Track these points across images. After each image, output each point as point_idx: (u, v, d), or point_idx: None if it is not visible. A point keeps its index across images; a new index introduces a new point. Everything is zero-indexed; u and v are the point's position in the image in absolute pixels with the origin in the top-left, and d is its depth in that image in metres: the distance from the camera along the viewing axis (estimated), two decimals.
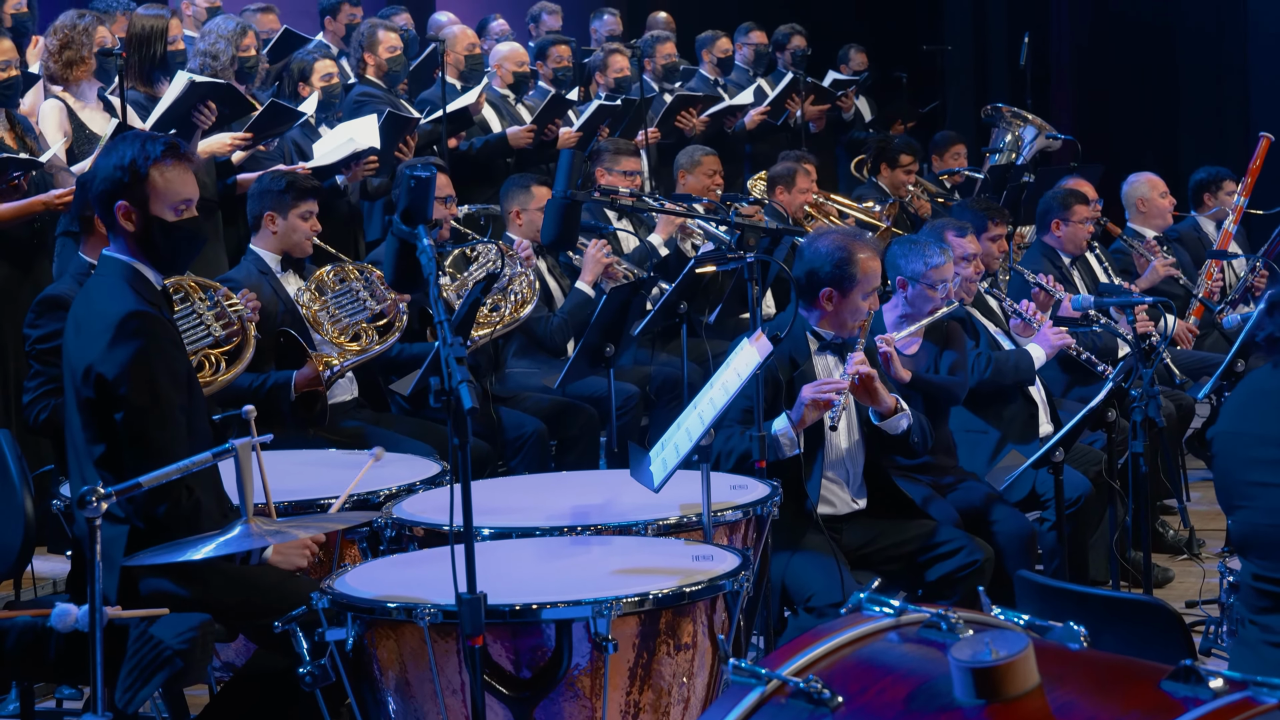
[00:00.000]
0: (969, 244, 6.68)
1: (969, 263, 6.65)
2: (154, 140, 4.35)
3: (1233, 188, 9.75)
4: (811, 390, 5.26)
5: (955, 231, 6.70)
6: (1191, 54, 14.35)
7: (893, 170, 10.42)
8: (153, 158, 4.29)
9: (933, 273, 6.15)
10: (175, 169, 4.33)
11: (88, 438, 4.25)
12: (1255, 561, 3.88)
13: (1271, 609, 3.78)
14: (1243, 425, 3.90)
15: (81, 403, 4.25)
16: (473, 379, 3.45)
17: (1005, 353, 6.72)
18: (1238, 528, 3.93)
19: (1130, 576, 6.29)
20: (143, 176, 4.28)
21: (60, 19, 7.17)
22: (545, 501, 4.75)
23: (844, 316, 5.53)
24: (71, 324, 4.36)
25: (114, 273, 4.32)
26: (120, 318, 4.20)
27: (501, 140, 9.08)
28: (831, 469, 5.54)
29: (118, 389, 4.18)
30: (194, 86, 7.12)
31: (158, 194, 4.30)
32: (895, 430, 5.49)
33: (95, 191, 4.34)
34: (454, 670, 3.79)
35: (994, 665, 2.32)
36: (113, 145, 4.40)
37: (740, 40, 11.61)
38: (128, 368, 4.18)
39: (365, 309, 6.37)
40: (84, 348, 4.25)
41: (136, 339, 4.20)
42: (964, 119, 13.57)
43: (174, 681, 4.12)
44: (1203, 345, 8.85)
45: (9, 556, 4.77)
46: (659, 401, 7.58)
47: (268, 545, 4.27)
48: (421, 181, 3.87)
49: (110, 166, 4.31)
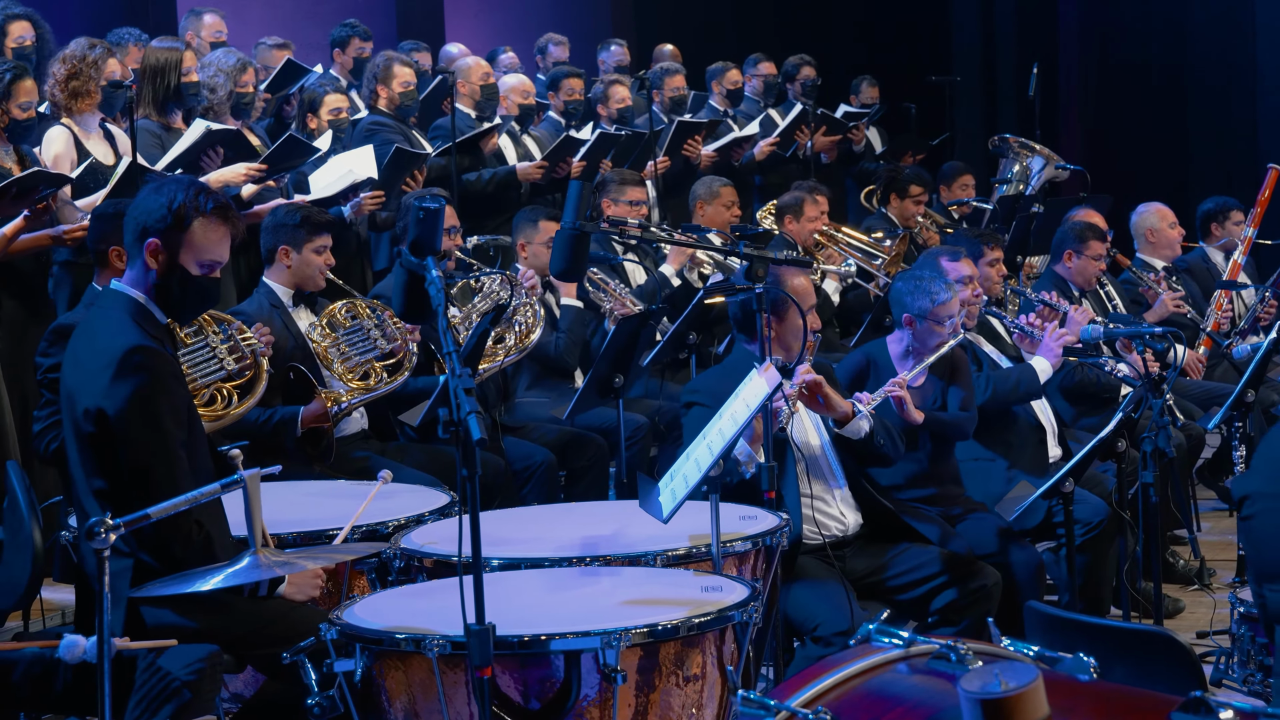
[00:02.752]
0: (964, 267, 6.68)
1: (966, 285, 6.64)
2: (209, 193, 4.34)
3: (1240, 218, 9.75)
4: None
5: (949, 256, 6.71)
6: (1200, 85, 14.37)
7: (902, 201, 10.40)
8: (203, 210, 4.28)
9: (939, 309, 6.15)
10: (219, 229, 4.32)
11: (87, 472, 4.24)
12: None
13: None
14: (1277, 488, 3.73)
15: (81, 437, 4.23)
16: (481, 410, 3.45)
17: (1004, 370, 6.70)
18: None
19: (1141, 607, 6.27)
20: (186, 224, 4.27)
21: (70, 47, 7.17)
22: (554, 532, 4.74)
23: (787, 339, 5.58)
24: (70, 357, 4.34)
25: (118, 306, 4.30)
26: (123, 353, 4.18)
27: (510, 174, 9.13)
28: (813, 476, 5.55)
29: (120, 425, 4.17)
30: (209, 134, 7.18)
31: (192, 246, 4.28)
32: (857, 434, 5.55)
33: (133, 223, 4.30)
34: (463, 701, 3.78)
35: (1003, 697, 2.31)
36: (164, 183, 4.39)
37: (750, 71, 11.64)
38: (130, 403, 4.17)
39: (375, 347, 6.37)
40: (83, 383, 4.24)
41: (139, 374, 4.18)
42: (972, 150, 13.59)
43: (182, 713, 4.11)
44: (1212, 375, 8.83)
45: (17, 589, 4.77)
46: (668, 432, 7.58)
47: (275, 576, 4.26)
48: (430, 213, 3.88)
49: (158, 204, 4.27)
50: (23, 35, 7.63)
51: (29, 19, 7.65)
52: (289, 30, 10.65)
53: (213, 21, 9.72)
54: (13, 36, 7.60)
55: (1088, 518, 6.16)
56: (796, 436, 5.54)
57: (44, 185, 6.38)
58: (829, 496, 5.62)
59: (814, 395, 5.42)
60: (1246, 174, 12.34)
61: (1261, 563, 3.77)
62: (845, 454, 5.65)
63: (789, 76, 11.99)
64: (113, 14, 9.88)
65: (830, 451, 5.65)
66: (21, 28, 7.62)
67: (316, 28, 11.05)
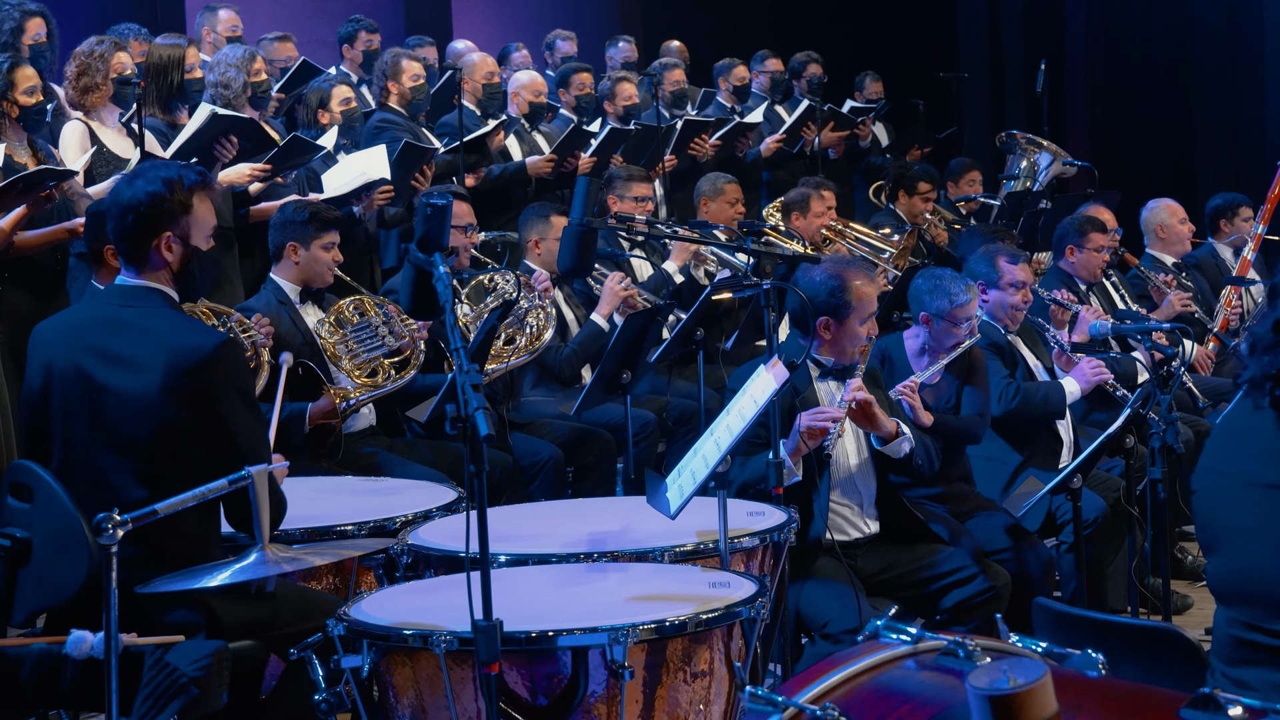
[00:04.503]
0: (1021, 272, 6.65)
1: (1018, 291, 6.62)
2: (187, 168, 4.35)
3: (1249, 214, 9.74)
4: (808, 419, 5.29)
5: (1008, 258, 6.68)
6: (1208, 81, 14.33)
7: (910, 197, 10.37)
8: (195, 185, 4.29)
9: (958, 311, 6.14)
10: (208, 197, 4.36)
11: (143, 475, 4.18)
12: (1234, 609, 3.61)
13: (1247, 661, 3.63)
14: (1223, 465, 3.76)
15: (140, 439, 4.18)
16: (488, 406, 3.45)
17: (1035, 384, 6.67)
18: (1216, 572, 3.68)
19: (1149, 603, 6.27)
20: (188, 205, 4.27)
21: (80, 46, 7.24)
22: (562, 528, 4.75)
23: (843, 344, 5.57)
24: (108, 360, 4.25)
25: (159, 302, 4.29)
26: (215, 347, 4.19)
27: (520, 169, 9.12)
28: (842, 493, 5.55)
29: (232, 418, 4.19)
30: (215, 118, 7.16)
31: (197, 222, 4.30)
32: (898, 454, 5.54)
33: (131, 222, 4.27)
34: (470, 697, 3.78)
35: (1011, 693, 2.30)
36: (138, 174, 4.35)
37: (757, 68, 11.64)
38: (237, 397, 4.23)
39: (383, 344, 6.37)
40: (149, 381, 4.17)
41: (236, 368, 4.26)
42: (980, 146, 13.57)
43: (189, 709, 4.11)
44: (1221, 371, 8.82)
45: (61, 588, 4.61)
46: (676, 429, 7.58)
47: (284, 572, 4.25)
48: (438, 209, 3.87)
49: (148, 195, 4.25)
50: (38, 32, 7.64)
51: (41, 15, 7.66)
52: (297, 28, 10.65)
53: (228, 17, 9.72)
54: (30, 34, 7.62)
55: (1085, 516, 6.15)
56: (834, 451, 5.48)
57: (50, 181, 6.39)
58: (855, 508, 5.61)
59: (863, 413, 5.42)
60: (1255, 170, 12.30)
61: (1202, 537, 3.76)
62: (879, 467, 5.63)
63: (795, 73, 11.98)
64: (120, 11, 9.90)
65: (868, 469, 5.61)
66: (36, 24, 7.65)
67: (324, 24, 11.07)
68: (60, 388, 4.32)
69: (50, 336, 4.43)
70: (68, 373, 4.30)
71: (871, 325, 5.62)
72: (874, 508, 5.62)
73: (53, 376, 4.34)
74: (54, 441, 4.33)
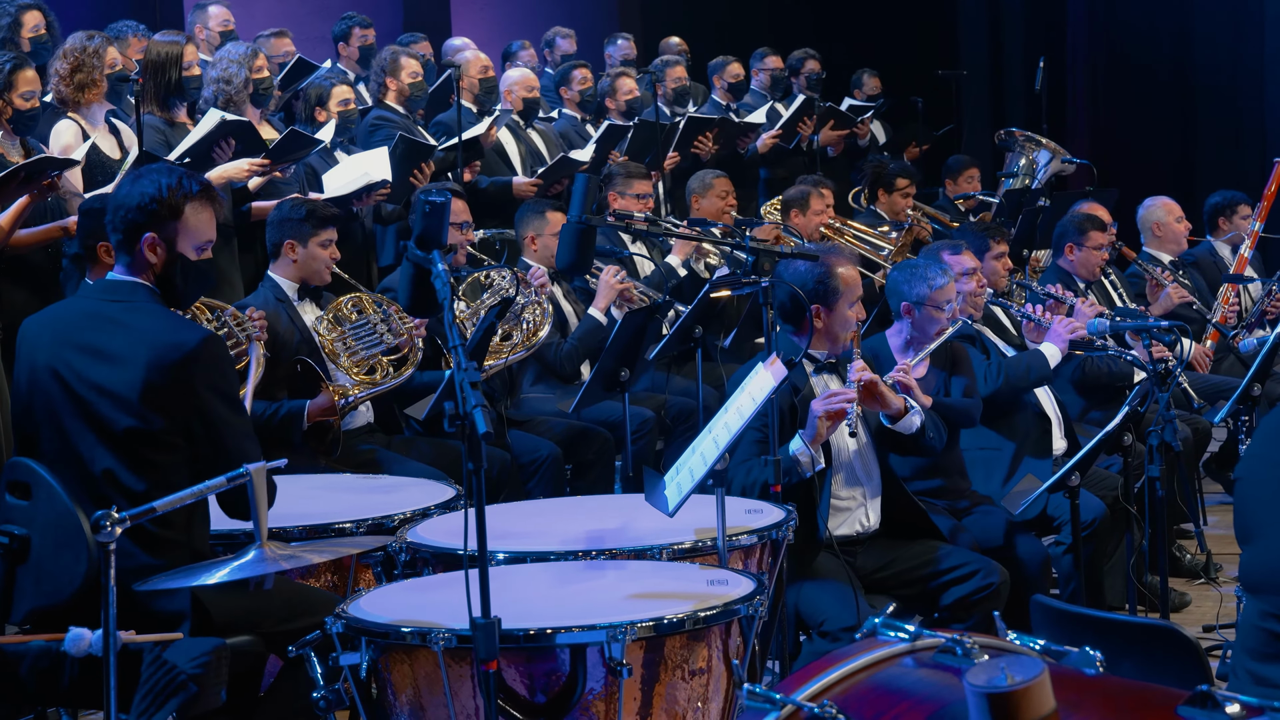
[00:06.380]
0: (966, 259, 6.69)
1: (969, 277, 6.65)
2: (189, 176, 4.34)
3: (1247, 212, 9.74)
4: (821, 404, 5.28)
5: (950, 250, 6.72)
6: (1207, 79, 14.33)
7: (890, 195, 10.28)
8: (191, 194, 4.29)
9: (937, 294, 6.16)
10: (206, 209, 4.34)
11: (132, 466, 4.19)
12: (1265, 600, 3.61)
13: (1276, 656, 3.61)
14: (1268, 453, 3.73)
15: (122, 433, 4.18)
16: (487, 404, 3.45)
17: (1014, 357, 6.71)
18: (1250, 563, 3.68)
19: (1147, 601, 6.27)
20: (178, 211, 4.27)
21: (69, 41, 7.20)
22: (560, 526, 4.75)
23: (835, 330, 5.58)
24: (86, 352, 4.27)
25: (144, 297, 4.29)
26: (198, 344, 4.19)
27: (506, 188, 9.06)
28: (847, 481, 5.55)
29: (214, 414, 4.19)
30: (223, 124, 7.17)
31: (187, 231, 4.29)
32: (909, 429, 5.54)
33: (123, 218, 4.28)
34: (468, 695, 3.78)
35: (1009, 691, 2.30)
36: (142, 174, 4.36)
37: (756, 66, 11.64)
38: (220, 392, 4.23)
39: (381, 342, 6.37)
40: (133, 378, 4.18)
41: (218, 364, 4.25)
42: (979, 144, 13.57)
43: (188, 706, 4.11)
44: (1219, 369, 8.82)
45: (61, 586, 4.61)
46: (674, 426, 7.58)
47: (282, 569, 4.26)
48: (436, 206, 3.87)
49: (143, 195, 4.26)
50: (37, 25, 7.64)
51: (39, 9, 7.66)
52: (294, 25, 10.64)
53: (219, 13, 9.70)
54: (28, 27, 7.61)
55: (1083, 518, 6.14)
56: (833, 439, 5.49)
57: (51, 170, 6.37)
58: (858, 498, 5.60)
59: (870, 394, 5.42)
60: (1253, 168, 12.31)
61: (1239, 525, 3.74)
62: (884, 448, 5.64)
63: (794, 70, 11.97)
64: (118, 8, 9.89)
65: (869, 453, 5.62)
66: (34, 18, 7.64)
67: (322, 21, 11.05)
68: (44, 381, 4.32)
69: (36, 331, 4.44)
70: (52, 366, 4.31)
71: (859, 309, 5.64)
72: (878, 496, 5.62)
73: (37, 370, 4.34)
74: (41, 435, 4.34)
